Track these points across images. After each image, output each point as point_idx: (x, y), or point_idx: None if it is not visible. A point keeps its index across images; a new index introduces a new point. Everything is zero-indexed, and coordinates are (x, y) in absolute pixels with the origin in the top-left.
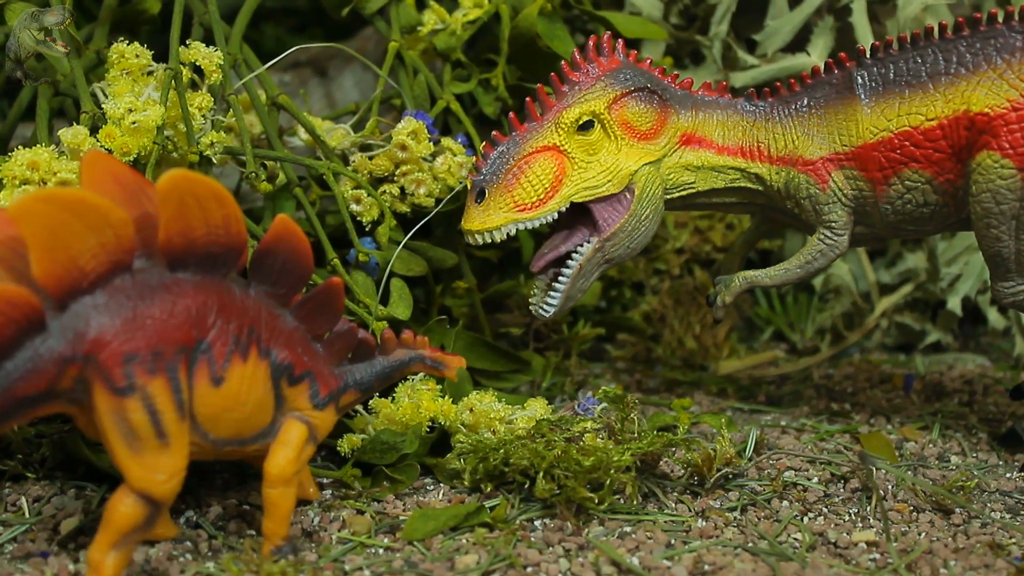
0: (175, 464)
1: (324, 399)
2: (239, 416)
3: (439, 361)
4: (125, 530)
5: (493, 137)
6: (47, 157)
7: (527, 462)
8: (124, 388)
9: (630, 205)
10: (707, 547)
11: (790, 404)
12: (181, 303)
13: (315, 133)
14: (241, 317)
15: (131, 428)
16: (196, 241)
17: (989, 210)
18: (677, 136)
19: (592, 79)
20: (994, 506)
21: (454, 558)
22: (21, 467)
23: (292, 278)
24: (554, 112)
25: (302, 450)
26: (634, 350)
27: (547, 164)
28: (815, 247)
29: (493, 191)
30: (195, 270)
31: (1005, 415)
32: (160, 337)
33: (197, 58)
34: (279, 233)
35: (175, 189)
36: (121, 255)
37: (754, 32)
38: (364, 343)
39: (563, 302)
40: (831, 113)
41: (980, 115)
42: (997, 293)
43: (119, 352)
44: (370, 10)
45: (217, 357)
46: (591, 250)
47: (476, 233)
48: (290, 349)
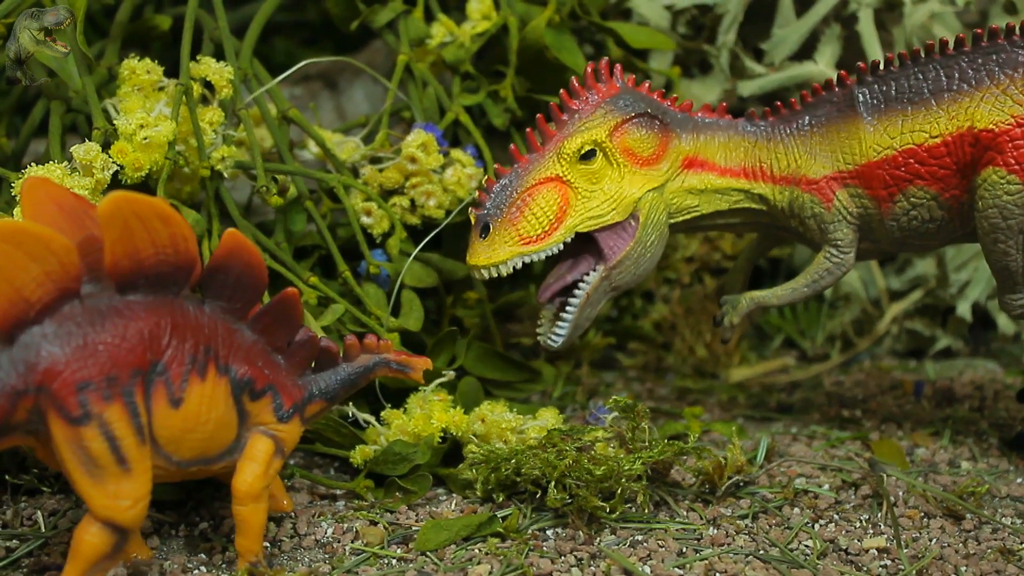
0: (138, 489)
1: (289, 411)
2: (202, 436)
3: (404, 364)
4: (93, 560)
5: (495, 171)
6: (59, 173)
7: (539, 472)
8: (80, 417)
9: (635, 232)
10: (718, 555)
11: (801, 411)
12: (133, 326)
13: (325, 146)
14: (196, 335)
15: (90, 456)
16: (144, 262)
17: (996, 225)
18: (679, 160)
19: (592, 107)
20: (1005, 511)
21: (467, 568)
22: (37, 481)
23: (247, 292)
24: (555, 142)
25: (269, 464)
26: (645, 359)
27: (551, 195)
28: (821, 265)
29: (497, 225)
30: (145, 291)
31: (1016, 420)
32: (113, 362)
33: (208, 73)
34: (230, 248)
35: (118, 212)
36: (67, 282)
37: (761, 41)
38: (327, 351)
39: (571, 332)
40: (833, 131)
41: (985, 131)
42: (1005, 306)
43: (72, 381)
44: (379, 23)
45: (174, 378)
46: (597, 279)
47: (482, 268)
48: (250, 364)
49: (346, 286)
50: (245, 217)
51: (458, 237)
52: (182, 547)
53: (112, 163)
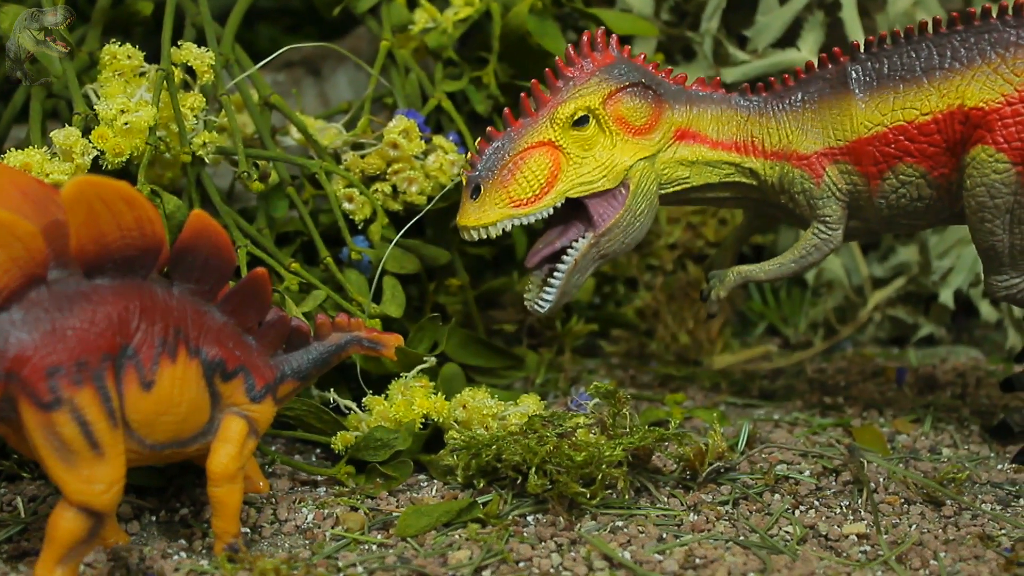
0: (112, 473)
1: (261, 391)
2: (174, 418)
3: (376, 341)
4: (69, 545)
5: (488, 133)
6: (40, 159)
7: (519, 458)
8: (51, 402)
9: (625, 200)
10: (698, 541)
11: (783, 398)
12: (101, 310)
13: (307, 132)
14: (166, 318)
15: (63, 442)
16: (110, 246)
17: (983, 204)
18: (672, 131)
19: (587, 74)
20: (985, 498)
21: (447, 554)
22: (16, 467)
23: (215, 273)
24: (549, 108)
25: (244, 445)
26: (628, 346)
27: (542, 160)
28: (809, 241)
29: (488, 187)
30: (113, 275)
31: (997, 407)
32: (83, 347)
33: (189, 59)
34: (196, 229)
35: (82, 196)
36: (33, 268)
37: (745, 28)
38: (298, 331)
39: (559, 298)
40: (825, 108)
41: (975, 109)
42: (991, 287)
43: (41, 366)
44: (361, 9)
45: (144, 361)
46: (586, 245)
47: (472, 229)
48: (220, 345)
49: (328, 272)
50: (227, 203)
51: (440, 223)
52: (162, 533)
53: (93, 148)
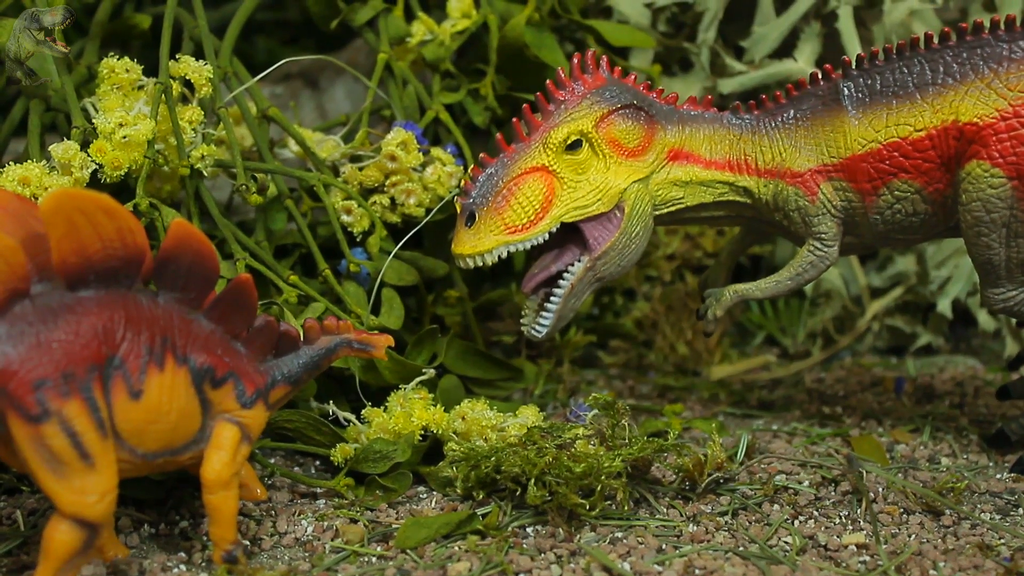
0: (104, 483)
1: (252, 397)
2: (165, 427)
3: (366, 343)
4: (65, 557)
5: (481, 159)
6: (38, 172)
7: (519, 469)
8: (39, 415)
9: (620, 223)
10: (698, 552)
11: (782, 408)
12: (86, 321)
13: (305, 145)
14: (152, 327)
15: (52, 454)
16: (92, 257)
17: (979, 219)
18: (665, 152)
19: (578, 97)
20: (984, 507)
21: (446, 566)
22: (16, 480)
23: (199, 281)
24: (541, 132)
25: (237, 451)
26: (626, 356)
27: (536, 185)
28: (805, 259)
29: (483, 214)
30: (96, 286)
31: (995, 416)
32: (69, 358)
33: (187, 72)
34: (179, 238)
35: (60, 209)
36: (16, 282)
37: (742, 39)
38: (287, 336)
39: (555, 322)
40: (818, 125)
41: (969, 125)
42: (987, 300)
43: (28, 380)
44: (359, 22)
45: (132, 371)
46: (582, 269)
47: (468, 257)
48: (209, 352)
49: (326, 284)
50: (225, 216)
51: (438, 235)
52: (162, 546)
53: (91, 162)
